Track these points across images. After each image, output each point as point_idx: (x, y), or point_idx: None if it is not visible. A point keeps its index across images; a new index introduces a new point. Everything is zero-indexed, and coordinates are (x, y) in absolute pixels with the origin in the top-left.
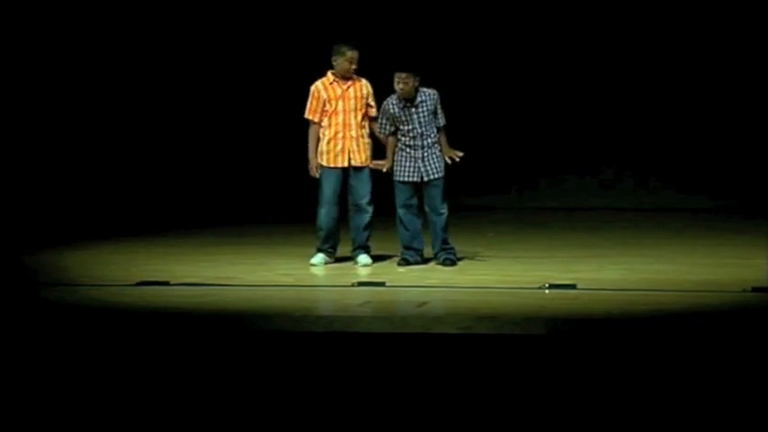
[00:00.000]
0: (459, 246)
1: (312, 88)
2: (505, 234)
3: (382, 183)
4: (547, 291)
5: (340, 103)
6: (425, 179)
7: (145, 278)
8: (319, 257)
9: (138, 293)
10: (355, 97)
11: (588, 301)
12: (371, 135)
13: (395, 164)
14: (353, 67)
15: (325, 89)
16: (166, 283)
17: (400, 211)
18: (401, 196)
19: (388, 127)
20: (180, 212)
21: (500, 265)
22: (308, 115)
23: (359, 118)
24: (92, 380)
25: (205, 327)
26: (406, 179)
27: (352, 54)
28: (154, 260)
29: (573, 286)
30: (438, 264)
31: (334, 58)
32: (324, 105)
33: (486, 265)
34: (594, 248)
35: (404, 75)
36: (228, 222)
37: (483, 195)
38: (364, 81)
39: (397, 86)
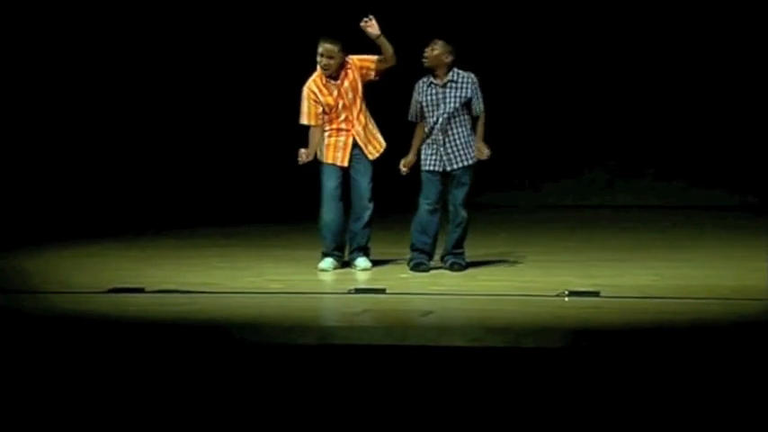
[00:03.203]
0: (468, 248)
1: (305, 91)
2: (520, 235)
3: (383, 180)
4: (566, 299)
5: (340, 103)
6: (448, 169)
7: (117, 284)
8: (328, 262)
9: (109, 301)
10: (352, 88)
11: (612, 311)
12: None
13: (421, 157)
14: (327, 62)
15: (321, 93)
16: (141, 290)
17: (423, 210)
18: (427, 193)
19: (416, 113)
20: (159, 211)
21: (514, 270)
22: (304, 120)
23: (359, 106)
24: (56, 397)
25: (185, 338)
26: (429, 168)
27: (321, 48)
28: (128, 264)
29: (595, 293)
30: (445, 268)
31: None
32: (323, 110)
33: (498, 270)
34: (619, 251)
35: (439, 42)
36: (212, 222)
37: (495, 192)
38: (351, 59)
39: (425, 57)
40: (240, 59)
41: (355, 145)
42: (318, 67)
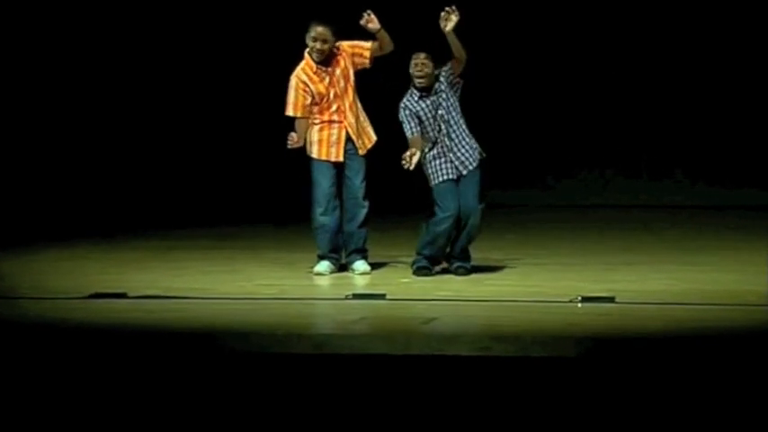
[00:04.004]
0: (473, 251)
1: (293, 80)
2: (528, 236)
3: (381, 177)
4: (579, 305)
5: (331, 91)
6: (464, 173)
7: (98, 289)
8: (324, 265)
9: (89, 308)
10: (344, 76)
11: (628, 317)
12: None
13: (431, 170)
14: (321, 46)
15: (311, 81)
16: (124, 296)
17: (443, 224)
18: (446, 205)
19: (414, 127)
20: (144, 212)
21: (522, 274)
22: (289, 111)
23: (351, 96)
24: (31, 410)
25: (170, 348)
26: (444, 178)
27: (314, 32)
28: (111, 267)
29: (610, 299)
30: (449, 272)
31: (306, 41)
32: (312, 100)
33: (505, 274)
34: (633, 253)
35: (422, 56)
36: (201, 223)
37: (501, 191)
38: (341, 46)
39: (415, 71)
40: (231, 58)
41: (348, 138)
42: (307, 53)
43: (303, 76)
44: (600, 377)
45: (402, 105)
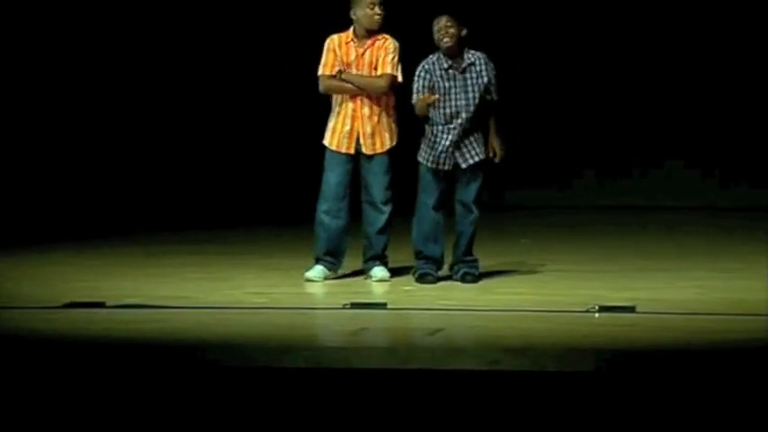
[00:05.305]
0: (483, 255)
1: (327, 41)
2: (542, 240)
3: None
4: (596, 315)
5: (352, 71)
6: (464, 166)
7: (74, 298)
8: (318, 270)
9: (65, 318)
10: (370, 64)
11: (650, 329)
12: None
13: (428, 149)
14: (378, 13)
15: (340, 47)
16: (101, 305)
17: (426, 211)
18: (430, 191)
19: (423, 92)
20: (125, 213)
21: (535, 282)
22: (319, 71)
23: None
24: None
25: (152, 361)
26: (438, 167)
27: None
28: (87, 274)
29: (630, 309)
30: (455, 279)
31: (352, 10)
32: (339, 68)
33: (517, 281)
34: (656, 259)
35: (444, 20)
36: (187, 225)
37: (513, 191)
38: (389, 39)
39: (438, 38)
40: (224, 59)
41: (362, 134)
42: (353, 27)
43: (336, 39)
44: (619, 393)
45: (422, 64)
